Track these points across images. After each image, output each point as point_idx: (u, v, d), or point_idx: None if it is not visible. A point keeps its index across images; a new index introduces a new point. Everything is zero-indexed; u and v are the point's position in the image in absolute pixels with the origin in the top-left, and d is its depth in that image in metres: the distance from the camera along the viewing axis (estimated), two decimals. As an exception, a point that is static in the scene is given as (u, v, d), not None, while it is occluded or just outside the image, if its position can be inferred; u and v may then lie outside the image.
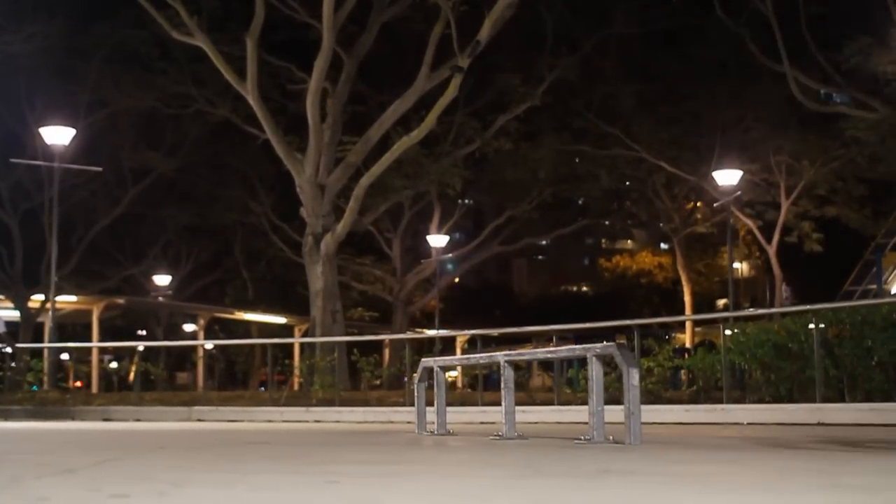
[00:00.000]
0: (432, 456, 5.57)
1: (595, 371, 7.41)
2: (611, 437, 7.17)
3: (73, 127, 25.43)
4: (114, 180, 36.00)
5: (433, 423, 9.20)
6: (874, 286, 32.00)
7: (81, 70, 32.12)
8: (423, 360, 9.86)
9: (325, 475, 3.99)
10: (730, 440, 8.57)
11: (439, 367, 9.41)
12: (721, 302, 48.13)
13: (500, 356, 8.76)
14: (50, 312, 24.11)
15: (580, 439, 7.19)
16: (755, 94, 33.00)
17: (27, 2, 29.95)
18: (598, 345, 7.47)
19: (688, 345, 33.10)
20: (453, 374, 37.70)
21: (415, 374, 10.41)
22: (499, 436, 8.26)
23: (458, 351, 36.73)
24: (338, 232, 25.74)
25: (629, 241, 68.54)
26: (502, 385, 8.44)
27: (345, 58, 26.63)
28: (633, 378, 7.10)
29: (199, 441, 8.43)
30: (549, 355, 9.71)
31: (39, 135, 25.87)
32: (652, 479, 3.81)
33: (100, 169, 29.94)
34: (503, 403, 8.33)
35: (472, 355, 12.89)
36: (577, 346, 7.83)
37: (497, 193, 39.99)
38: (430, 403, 9.49)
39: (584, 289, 74.36)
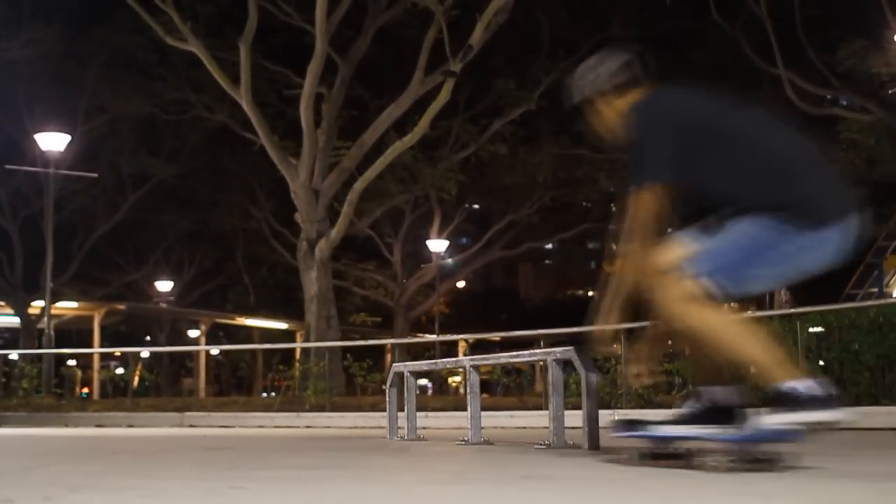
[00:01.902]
0: (376, 461, 5.53)
1: (555, 375, 7.36)
2: (570, 442, 7.10)
3: (72, 133, 25.50)
4: (113, 186, 36.10)
5: (403, 427, 9.15)
6: (875, 289, 31.81)
7: (79, 76, 32.20)
8: (393, 365, 9.80)
9: (240, 481, 3.95)
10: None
11: (409, 372, 9.36)
12: (726, 306, 47.89)
13: (466, 360, 8.70)
14: (46, 318, 24.15)
15: (540, 444, 7.13)
16: (753, 97, 32.74)
17: (24, 8, 30.05)
18: (558, 349, 7.41)
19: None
20: (456, 379, 37.55)
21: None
22: (464, 441, 8.20)
23: (461, 355, 36.66)
24: (332, 237, 25.70)
25: (635, 246, 68.22)
26: (468, 390, 8.37)
27: (339, 62, 26.62)
28: (590, 383, 7.04)
29: (159, 446, 8.38)
30: (511, 360, 9.65)
31: (37, 141, 25.95)
32: (560, 484, 3.76)
33: (96, 175, 30.02)
34: (468, 408, 8.26)
35: (440, 360, 12.85)
36: (539, 351, 7.76)
37: (497, 198, 39.93)
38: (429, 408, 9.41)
39: (590, 293, 74.21)
